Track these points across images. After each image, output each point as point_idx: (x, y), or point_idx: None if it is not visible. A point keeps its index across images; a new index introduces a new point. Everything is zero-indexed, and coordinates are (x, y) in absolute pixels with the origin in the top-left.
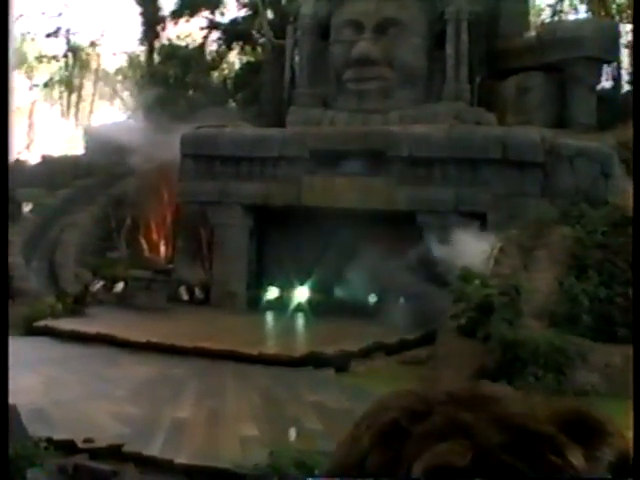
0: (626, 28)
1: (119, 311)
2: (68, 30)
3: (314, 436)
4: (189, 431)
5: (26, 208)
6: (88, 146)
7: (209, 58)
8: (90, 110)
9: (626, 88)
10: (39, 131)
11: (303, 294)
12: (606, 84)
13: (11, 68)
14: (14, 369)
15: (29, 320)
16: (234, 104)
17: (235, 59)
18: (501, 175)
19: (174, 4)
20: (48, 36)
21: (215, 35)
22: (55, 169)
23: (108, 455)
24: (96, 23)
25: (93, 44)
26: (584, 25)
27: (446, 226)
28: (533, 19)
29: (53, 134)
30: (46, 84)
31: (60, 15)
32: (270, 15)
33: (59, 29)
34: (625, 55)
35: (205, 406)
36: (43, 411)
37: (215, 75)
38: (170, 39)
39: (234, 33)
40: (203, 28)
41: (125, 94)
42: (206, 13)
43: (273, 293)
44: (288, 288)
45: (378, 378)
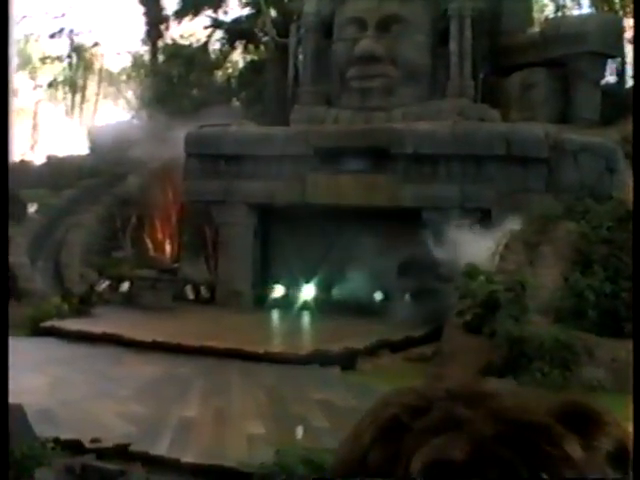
0: (630, 23)
1: (125, 311)
2: (72, 30)
3: (320, 434)
4: (196, 430)
5: (31, 208)
6: (92, 146)
7: (213, 57)
8: (94, 110)
9: (630, 83)
10: (43, 132)
11: (308, 292)
12: (610, 79)
13: (14, 69)
14: (21, 370)
15: (35, 320)
16: (238, 103)
17: (239, 58)
18: (505, 171)
19: (177, 3)
20: (52, 37)
21: (218, 34)
22: (60, 169)
23: (115, 455)
24: (99, 23)
25: (97, 44)
26: (588, 20)
27: (451, 223)
28: (536, 15)
29: (57, 134)
30: (50, 85)
31: (63, 16)
32: (273, 14)
33: (62, 30)
34: (629, 50)
35: (211, 405)
36: (50, 411)
37: (219, 74)
38: (174, 38)
39: (237, 32)
40: (206, 27)
41: (129, 94)
42: (209, 12)
43: (279, 291)
44: (293, 286)
45: (384, 375)
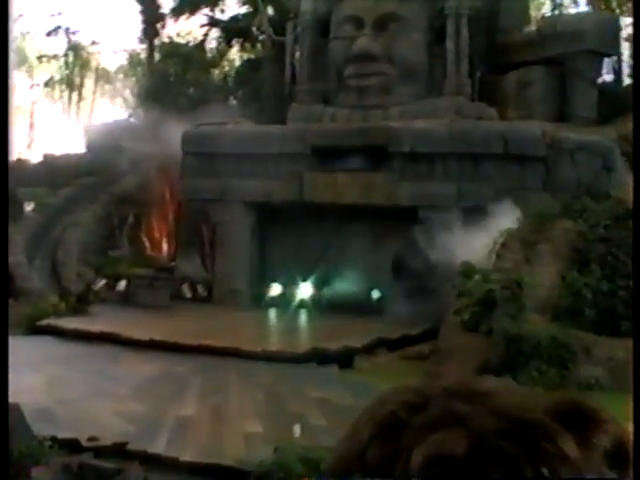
0: (626, 21)
1: (122, 309)
2: (68, 29)
3: (318, 432)
4: (193, 429)
5: (28, 207)
6: (89, 145)
7: (209, 55)
8: (91, 109)
9: (627, 81)
10: (40, 130)
11: (306, 290)
12: (607, 78)
13: (12, 67)
14: (18, 368)
15: (32, 319)
16: (235, 101)
17: (235, 56)
18: (503, 170)
19: (174, 2)
20: (48, 35)
21: (215, 32)
22: (57, 168)
23: (113, 453)
24: (96, 22)
25: (93, 42)
26: (584, 19)
27: (448, 221)
28: (533, 13)
29: (54, 133)
30: (47, 83)
31: (60, 14)
32: (270, 12)
33: (59, 28)
34: (626, 48)
35: (209, 403)
36: (47, 410)
37: (216, 72)
38: (170, 37)
39: (234, 30)
40: (203, 25)
41: (126, 92)
42: (206, 10)
43: (276, 290)
44: (291, 285)
45: (381, 374)
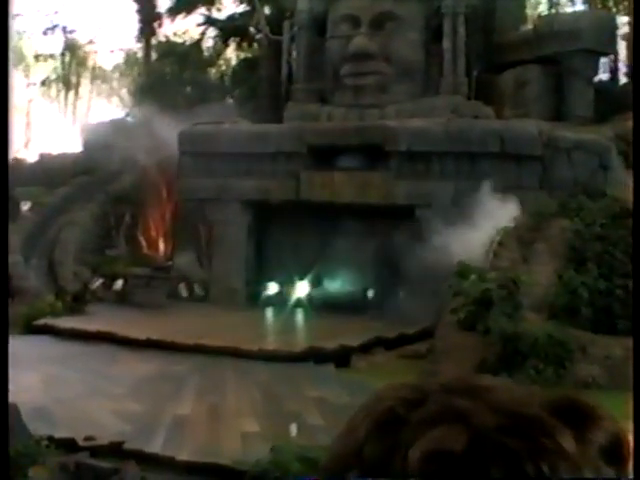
0: (623, 20)
1: (119, 309)
2: (65, 28)
3: (315, 431)
4: (190, 428)
5: (25, 207)
6: (86, 144)
7: (206, 55)
8: (87, 108)
9: (623, 80)
10: (37, 129)
11: (302, 289)
12: (603, 76)
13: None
14: (14, 368)
15: (29, 319)
16: (231, 100)
17: (232, 55)
18: (499, 168)
19: (171, 1)
20: (45, 34)
21: (212, 32)
22: (53, 167)
23: (109, 453)
24: (93, 21)
25: (90, 42)
26: (581, 18)
27: (445, 220)
28: (530, 12)
29: (51, 132)
30: (43, 82)
31: (57, 13)
32: (267, 11)
33: (56, 27)
34: (622, 47)
35: (206, 403)
36: (44, 409)
37: (212, 72)
38: (167, 36)
39: (231, 29)
40: (200, 25)
41: (122, 91)
42: (203, 9)
43: (273, 289)
44: (287, 284)
45: (378, 373)
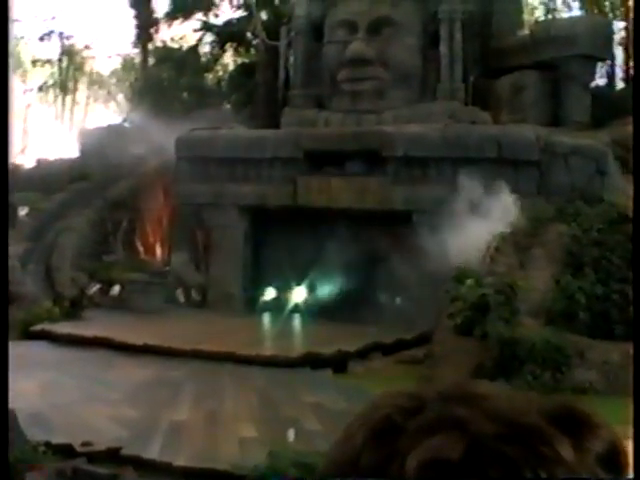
0: (619, 25)
1: (116, 314)
2: (62, 33)
3: (312, 437)
4: (187, 433)
5: (22, 212)
6: (83, 149)
7: (203, 60)
8: (85, 113)
9: (620, 86)
10: (34, 135)
11: (300, 295)
12: (600, 82)
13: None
14: (11, 373)
15: (26, 324)
16: (228, 106)
17: (229, 61)
18: (497, 174)
19: (168, 6)
20: (42, 39)
21: (209, 37)
22: (50, 173)
23: (106, 458)
24: (90, 26)
25: (87, 47)
26: (578, 23)
27: (442, 225)
28: (527, 17)
29: (48, 138)
30: (40, 88)
31: (54, 18)
32: (264, 16)
33: (53, 32)
34: (619, 53)
35: (203, 408)
36: (41, 415)
37: (209, 77)
38: (164, 41)
39: (228, 35)
40: (197, 30)
41: (119, 97)
42: (200, 15)
43: (270, 294)
44: (285, 289)
45: (376, 378)
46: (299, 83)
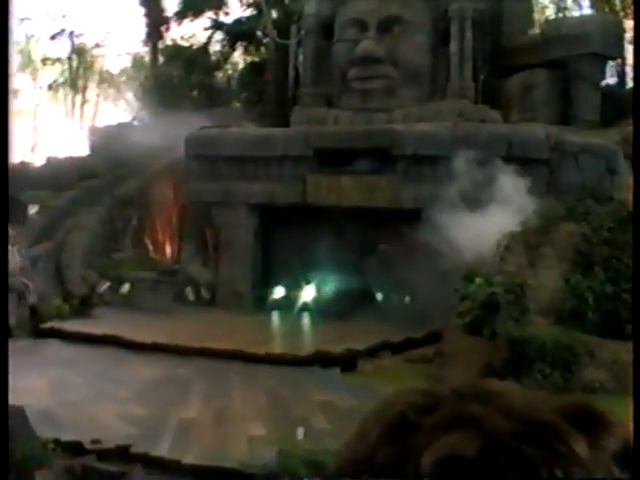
0: (630, 24)
1: (125, 312)
2: (72, 32)
3: (322, 435)
4: (196, 431)
5: (32, 210)
6: (93, 147)
7: (213, 58)
8: (95, 111)
9: (630, 84)
10: (44, 133)
11: (309, 293)
12: (610, 80)
13: (15, 70)
14: (21, 371)
15: (35, 322)
16: (238, 104)
17: (239, 59)
18: (506, 172)
19: (178, 5)
20: (52, 38)
21: (219, 35)
22: (60, 171)
23: (116, 456)
24: (100, 24)
25: (97, 45)
26: (588, 22)
27: (451, 224)
28: (537, 16)
29: (58, 136)
30: (51, 86)
31: (64, 17)
32: (274, 15)
33: (63, 31)
34: (629, 51)
35: (212, 406)
36: (50, 412)
37: (219, 75)
38: (174, 40)
39: (238, 33)
40: (207, 28)
41: (129, 95)
42: (210, 13)
43: (279, 293)
44: (294, 287)
45: (385, 377)
46: (309, 81)
